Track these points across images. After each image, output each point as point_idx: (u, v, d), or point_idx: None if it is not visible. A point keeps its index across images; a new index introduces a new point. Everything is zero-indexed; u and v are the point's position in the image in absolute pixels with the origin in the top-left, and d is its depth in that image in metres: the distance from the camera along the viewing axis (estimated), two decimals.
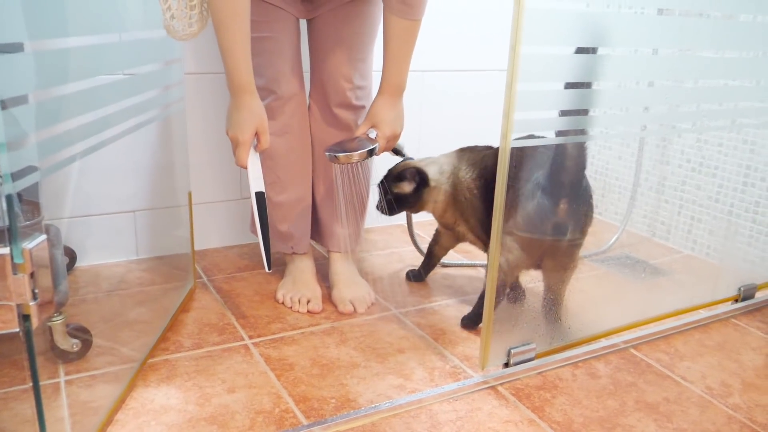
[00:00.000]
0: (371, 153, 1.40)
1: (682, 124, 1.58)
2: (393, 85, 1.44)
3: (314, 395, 1.23)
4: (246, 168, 1.34)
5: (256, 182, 1.35)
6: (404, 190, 1.55)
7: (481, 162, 1.52)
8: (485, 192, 1.49)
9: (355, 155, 1.37)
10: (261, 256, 1.39)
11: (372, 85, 1.60)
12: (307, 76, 1.58)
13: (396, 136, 1.48)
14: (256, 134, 1.34)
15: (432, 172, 1.55)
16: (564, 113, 1.25)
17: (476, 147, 1.58)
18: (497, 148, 1.53)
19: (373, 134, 1.46)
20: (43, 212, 1.24)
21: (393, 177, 1.57)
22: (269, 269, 1.37)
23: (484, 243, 1.55)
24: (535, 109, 1.21)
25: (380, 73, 1.45)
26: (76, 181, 1.69)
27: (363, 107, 1.58)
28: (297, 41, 1.51)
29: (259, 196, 1.35)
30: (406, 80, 1.45)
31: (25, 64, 0.82)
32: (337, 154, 1.37)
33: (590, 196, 1.41)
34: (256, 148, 1.37)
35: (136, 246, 1.82)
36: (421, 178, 1.54)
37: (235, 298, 1.62)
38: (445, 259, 1.82)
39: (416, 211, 1.61)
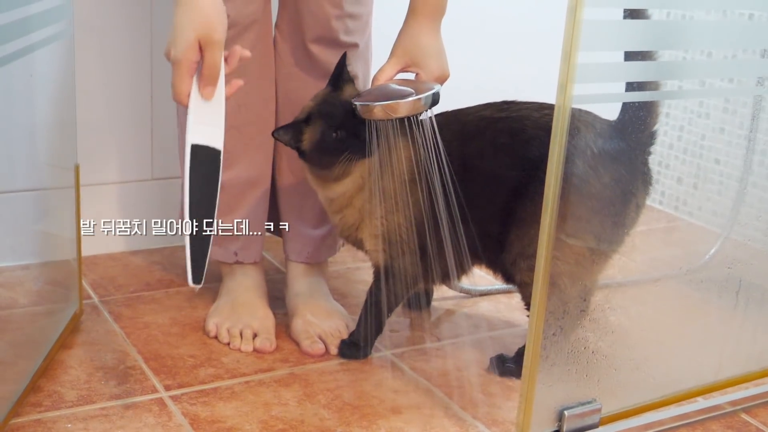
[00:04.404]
0: (435, 101, 1.34)
1: None
2: (431, 5, 1.45)
3: None
4: (185, 105, 1.24)
5: (197, 129, 1.22)
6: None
7: None
8: None
9: (404, 104, 1.30)
10: (184, 263, 1.28)
11: (371, 13, 1.60)
12: None
13: (445, 78, 1.47)
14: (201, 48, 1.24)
15: None
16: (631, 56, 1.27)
17: None
18: None
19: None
20: None
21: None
22: (195, 282, 1.24)
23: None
24: (605, 49, 1.22)
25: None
26: None
27: (355, 46, 1.57)
28: None
29: (199, 151, 1.22)
30: None
31: None
32: (372, 105, 1.31)
33: None
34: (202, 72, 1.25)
35: None
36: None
37: (143, 329, 1.61)
38: (472, 285, 1.81)
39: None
